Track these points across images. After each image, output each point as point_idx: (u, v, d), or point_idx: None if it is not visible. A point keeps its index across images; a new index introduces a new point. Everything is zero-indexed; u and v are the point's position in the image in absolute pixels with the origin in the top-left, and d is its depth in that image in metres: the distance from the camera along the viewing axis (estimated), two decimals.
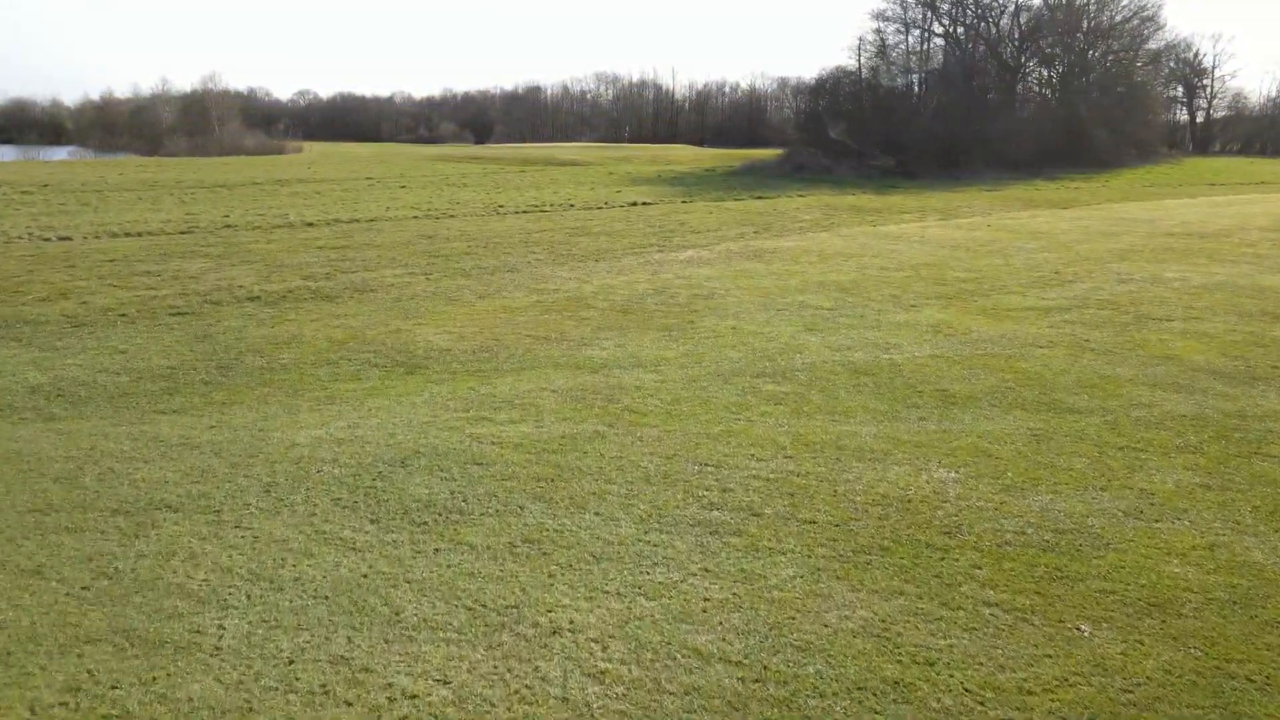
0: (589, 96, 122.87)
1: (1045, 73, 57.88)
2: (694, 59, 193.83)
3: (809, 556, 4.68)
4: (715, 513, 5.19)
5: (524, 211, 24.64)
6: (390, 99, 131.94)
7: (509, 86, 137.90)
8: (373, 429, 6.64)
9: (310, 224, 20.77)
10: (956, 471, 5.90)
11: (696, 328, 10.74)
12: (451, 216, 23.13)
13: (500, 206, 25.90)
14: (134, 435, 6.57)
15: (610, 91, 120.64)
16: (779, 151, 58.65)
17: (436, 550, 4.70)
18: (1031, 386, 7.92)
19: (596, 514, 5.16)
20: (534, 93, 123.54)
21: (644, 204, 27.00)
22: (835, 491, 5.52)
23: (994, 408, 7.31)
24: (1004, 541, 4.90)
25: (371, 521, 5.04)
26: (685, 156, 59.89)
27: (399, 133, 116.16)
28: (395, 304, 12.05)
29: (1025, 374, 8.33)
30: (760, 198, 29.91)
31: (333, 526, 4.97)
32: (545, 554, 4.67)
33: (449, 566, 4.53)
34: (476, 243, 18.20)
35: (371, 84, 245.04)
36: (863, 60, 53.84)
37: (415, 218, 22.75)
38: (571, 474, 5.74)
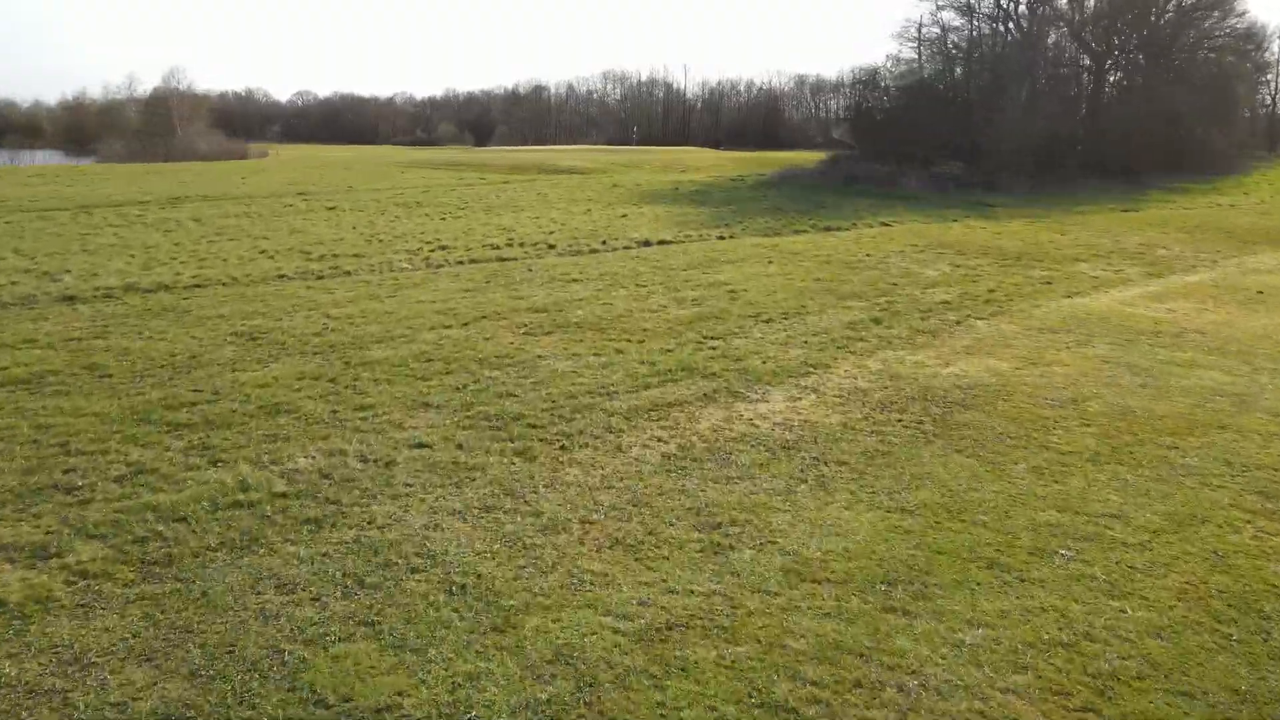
0: (595, 96, 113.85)
1: (1132, 60, 48.47)
2: (705, 56, 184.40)
3: None
4: None
5: (470, 262, 15.56)
6: (391, 100, 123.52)
7: (511, 86, 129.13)
8: None
9: (77, 298, 11.74)
10: None
11: None
12: (342, 275, 14.08)
13: (441, 248, 16.85)
14: None
15: (618, 91, 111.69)
16: (816, 155, 49.43)
17: None
18: None
19: None
20: (537, 92, 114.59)
21: (662, 243, 17.83)
22: None
23: None
24: None
25: None
26: (702, 161, 50.66)
27: (395, 134, 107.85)
28: None
29: None
30: (829, 229, 20.72)
31: None
32: None
33: None
34: (296, 385, 9.07)
35: (374, 84, 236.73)
36: (923, 49, 44.44)
37: (277, 278, 13.72)
38: None
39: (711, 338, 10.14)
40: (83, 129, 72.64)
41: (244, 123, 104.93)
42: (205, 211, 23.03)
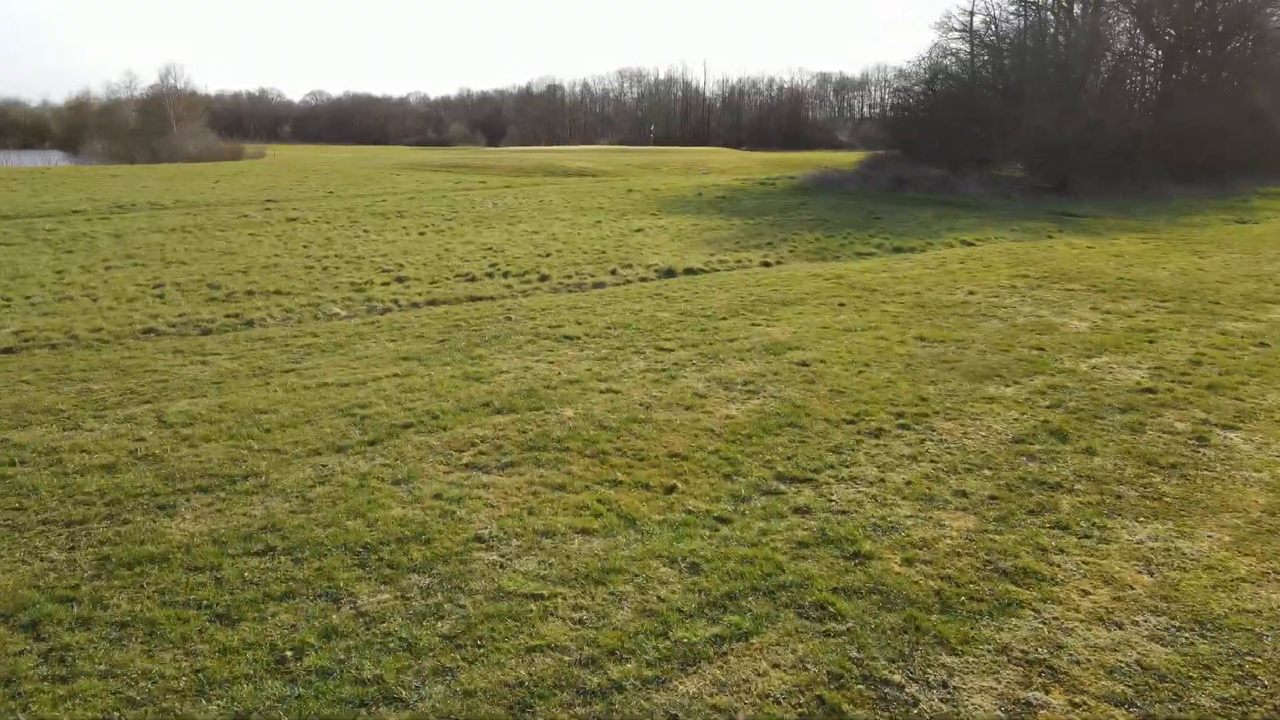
0: (611, 95, 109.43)
1: (1204, 52, 43.60)
2: (723, 53, 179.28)
3: None
4: None
5: (430, 303, 11.35)
6: (405, 99, 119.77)
7: (525, 84, 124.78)
8: None
9: None
10: None
11: None
12: (239, 328, 9.87)
13: (399, 279, 12.70)
14: None
15: (634, 89, 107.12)
16: (850, 156, 45.03)
17: None
18: None
19: None
20: (551, 91, 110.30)
21: (690, 272, 13.52)
22: None
23: None
24: None
25: None
26: (726, 162, 46.18)
27: (406, 134, 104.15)
28: None
29: None
30: (900, 249, 16.34)
31: None
32: None
33: None
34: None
35: (388, 84, 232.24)
36: (974, 40, 39.78)
37: (142, 333, 9.59)
38: None
39: (792, 477, 5.82)
40: (84, 129, 69.15)
41: (255, 122, 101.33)
42: (136, 225, 18.94)
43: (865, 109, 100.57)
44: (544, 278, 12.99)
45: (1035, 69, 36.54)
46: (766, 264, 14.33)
